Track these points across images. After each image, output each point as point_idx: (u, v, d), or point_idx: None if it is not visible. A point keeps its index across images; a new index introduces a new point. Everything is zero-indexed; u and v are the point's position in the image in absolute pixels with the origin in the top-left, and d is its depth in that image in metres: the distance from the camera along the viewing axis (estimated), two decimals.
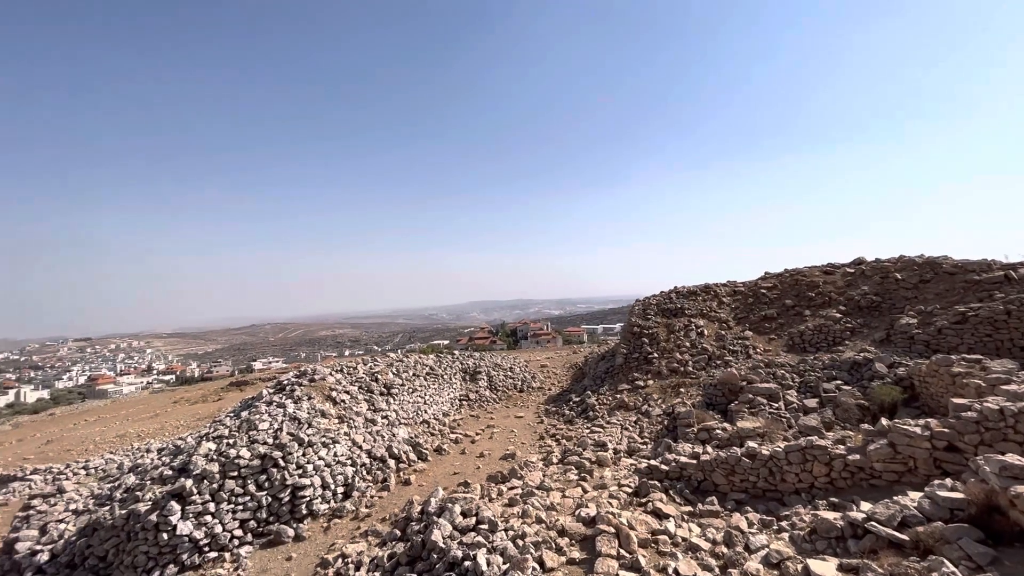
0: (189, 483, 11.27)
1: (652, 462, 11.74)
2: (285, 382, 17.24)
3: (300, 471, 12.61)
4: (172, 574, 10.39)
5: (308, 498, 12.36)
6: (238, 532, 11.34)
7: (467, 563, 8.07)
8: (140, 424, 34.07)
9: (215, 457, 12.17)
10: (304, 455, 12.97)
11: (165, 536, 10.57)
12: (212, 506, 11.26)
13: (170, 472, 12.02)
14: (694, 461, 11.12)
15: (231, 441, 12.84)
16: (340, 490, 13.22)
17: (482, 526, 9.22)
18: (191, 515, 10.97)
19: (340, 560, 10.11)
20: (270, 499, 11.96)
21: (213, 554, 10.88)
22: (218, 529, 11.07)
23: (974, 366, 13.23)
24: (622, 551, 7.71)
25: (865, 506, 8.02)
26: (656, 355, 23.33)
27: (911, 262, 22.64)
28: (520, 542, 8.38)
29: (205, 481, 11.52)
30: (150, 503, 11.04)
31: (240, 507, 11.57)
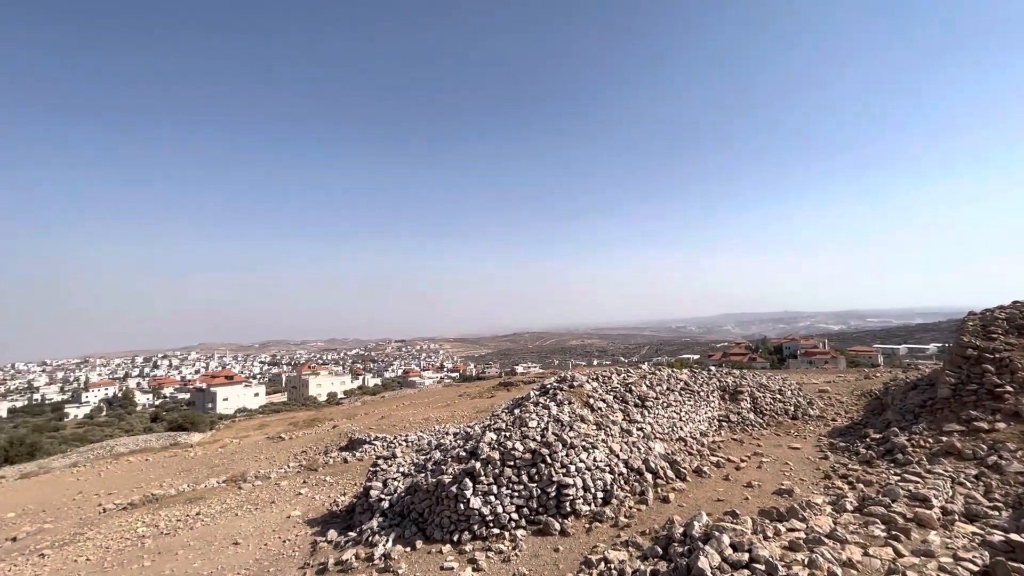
0: (478, 465, 13.37)
1: (1015, 536, 8.52)
2: (548, 386, 18.87)
3: (564, 470, 13.57)
4: (467, 539, 12.44)
5: (571, 497, 13.17)
6: (514, 516, 12.84)
7: None
8: (437, 411, 42.25)
9: (496, 446, 14.12)
10: (567, 455, 13.91)
11: (462, 506, 12.76)
12: (495, 488, 13.08)
13: (464, 454, 14.49)
14: None
15: (507, 434, 14.71)
16: (599, 495, 13.68)
17: (757, 565, 8.20)
18: (480, 492, 12.97)
19: (603, 564, 10.39)
20: (539, 491, 13.20)
21: (496, 530, 12.57)
22: (499, 509, 12.78)
23: None
24: None
25: None
26: (1010, 389, 16.99)
27: None
28: None
29: (489, 466, 13.49)
30: (451, 476, 13.51)
31: (516, 494, 13.11)
